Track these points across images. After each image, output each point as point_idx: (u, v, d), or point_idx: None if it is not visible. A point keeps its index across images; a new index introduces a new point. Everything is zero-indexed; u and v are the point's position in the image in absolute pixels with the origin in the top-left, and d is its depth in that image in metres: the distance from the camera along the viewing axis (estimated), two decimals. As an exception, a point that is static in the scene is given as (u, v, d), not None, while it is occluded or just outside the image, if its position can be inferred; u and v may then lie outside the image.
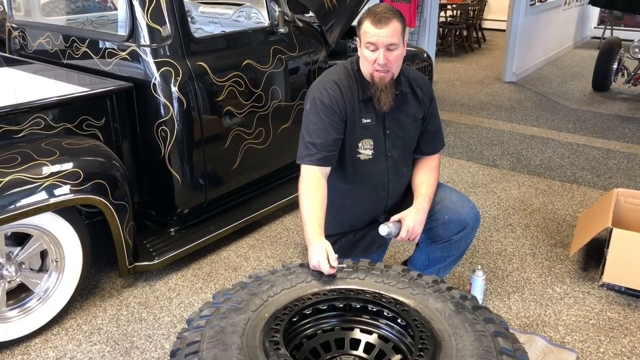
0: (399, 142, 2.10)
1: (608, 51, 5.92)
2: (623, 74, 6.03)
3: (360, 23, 1.93)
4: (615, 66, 5.95)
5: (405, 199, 2.19)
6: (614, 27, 9.27)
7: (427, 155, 2.22)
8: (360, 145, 2.04)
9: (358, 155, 2.05)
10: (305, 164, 1.97)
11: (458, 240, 2.16)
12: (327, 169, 2.00)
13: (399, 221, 2.04)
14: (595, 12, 9.57)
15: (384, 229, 2.01)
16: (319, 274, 1.64)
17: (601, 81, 6.07)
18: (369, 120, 2.02)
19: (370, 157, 2.06)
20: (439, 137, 2.23)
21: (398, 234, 2.03)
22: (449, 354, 1.33)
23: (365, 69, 1.98)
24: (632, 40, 5.97)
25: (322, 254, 1.65)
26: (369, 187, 2.10)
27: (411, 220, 2.02)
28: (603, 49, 5.98)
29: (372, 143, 2.05)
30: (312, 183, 1.93)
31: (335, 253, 1.69)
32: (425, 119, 2.15)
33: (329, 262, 1.64)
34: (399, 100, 2.05)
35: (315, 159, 1.95)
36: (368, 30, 1.88)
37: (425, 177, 2.16)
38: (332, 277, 1.63)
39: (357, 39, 1.99)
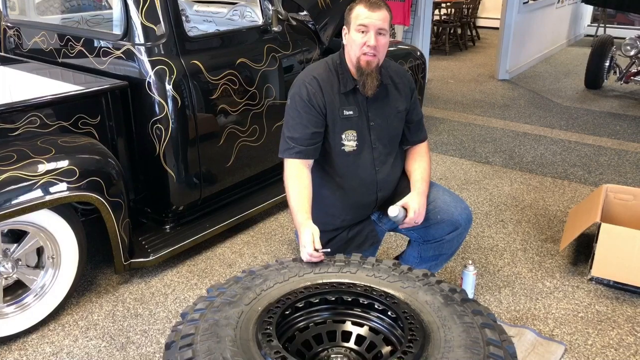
0: (384, 134, 2.14)
1: (600, 49, 5.97)
2: (615, 72, 6.07)
3: (350, 9, 2.01)
4: (607, 64, 6.00)
5: (396, 194, 2.21)
6: (607, 25, 9.33)
7: (415, 144, 2.28)
8: (343, 136, 2.08)
9: (342, 147, 2.09)
10: (286, 157, 2.05)
11: (450, 240, 2.19)
12: (309, 161, 2.06)
13: (403, 207, 2.08)
14: (588, 10, 9.61)
15: (394, 210, 2.04)
16: (311, 267, 1.67)
17: (593, 79, 6.11)
18: (350, 112, 2.07)
19: (355, 148, 2.10)
20: (423, 127, 2.30)
21: (404, 218, 2.06)
22: (437, 345, 1.36)
23: (353, 54, 2.02)
24: (624, 38, 6.01)
25: (308, 237, 1.75)
26: (358, 180, 2.14)
27: (416, 203, 2.07)
28: (595, 47, 6.02)
29: (355, 134, 2.09)
30: (294, 173, 2.02)
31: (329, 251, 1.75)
32: (408, 109, 2.20)
33: (314, 245, 1.71)
34: (381, 92, 2.10)
35: (294, 153, 2.03)
36: (361, 13, 1.95)
37: (417, 163, 2.23)
38: (320, 264, 1.70)
39: (344, 28, 2.04)
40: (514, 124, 4.99)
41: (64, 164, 2.14)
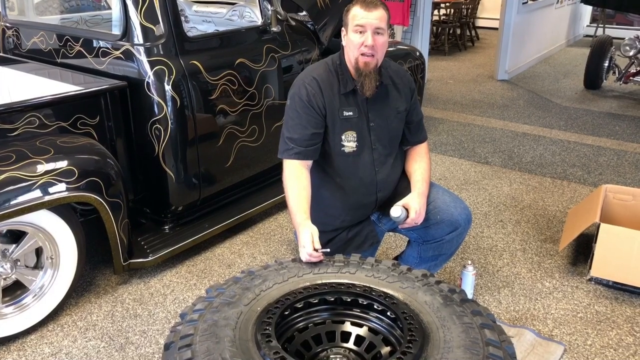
0: (383, 134, 2.14)
1: (599, 49, 5.97)
2: (614, 72, 6.08)
3: (348, 10, 2.01)
4: (606, 64, 6.00)
5: (395, 194, 2.21)
6: (606, 26, 9.33)
7: (415, 144, 2.28)
8: (343, 137, 2.08)
9: (342, 148, 2.09)
10: (285, 158, 2.05)
11: (450, 240, 2.19)
12: (308, 162, 2.07)
13: (404, 207, 2.08)
14: (587, 10, 9.62)
15: (396, 210, 2.04)
16: (310, 268, 1.67)
17: (593, 79, 6.12)
18: (350, 113, 2.07)
19: (355, 149, 2.10)
20: (423, 127, 2.31)
21: (405, 218, 2.06)
22: (436, 346, 1.36)
23: (351, 55, 2.01)
24: (623, 39, 6.02)
25: (307, 237, 1.75)
26: (357, 181, 2.14)
27: (416, 204, 2.07)
28: (594, 48, 6.02)
29: (355, 135, 2.09)
30: (293, 173, 2.02)
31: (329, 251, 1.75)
32: (409, 110, 2.20)
33: (313, 245, 1.72)
34: (381, 92, 2.10)
35: (293, 154, 2.03)
36: (357, 14, 1.95)
37: (417, 164, 2.23)
38: (319, 264, 1.70)
39: (343, 29, 2.04)
40: (513, 124, 4.99)
41: (62, 164, 2.14)
